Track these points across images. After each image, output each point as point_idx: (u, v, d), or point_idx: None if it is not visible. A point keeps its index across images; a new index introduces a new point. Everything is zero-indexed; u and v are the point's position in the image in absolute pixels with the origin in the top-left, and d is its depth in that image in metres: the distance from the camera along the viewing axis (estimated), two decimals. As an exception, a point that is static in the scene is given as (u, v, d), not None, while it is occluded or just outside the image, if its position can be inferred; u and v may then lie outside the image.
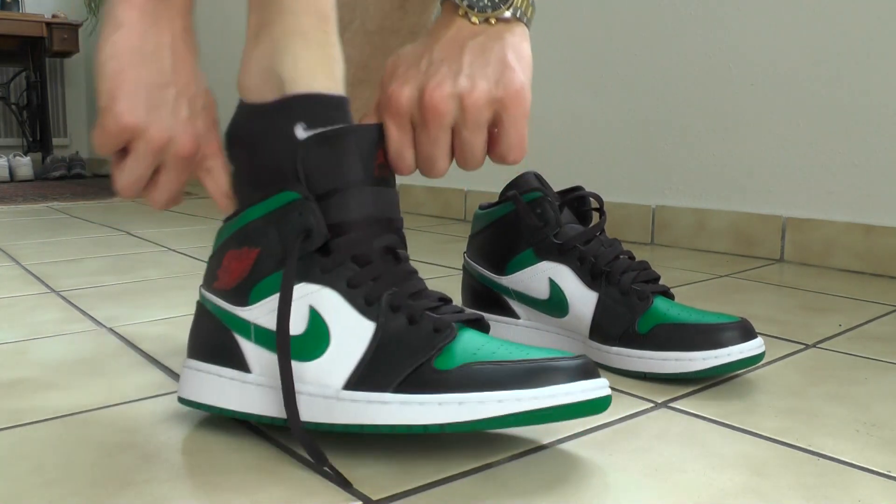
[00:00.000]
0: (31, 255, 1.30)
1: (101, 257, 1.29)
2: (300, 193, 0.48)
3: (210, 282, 0.53)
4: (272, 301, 0.49)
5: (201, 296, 0.54)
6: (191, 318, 0.85)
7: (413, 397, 0.46)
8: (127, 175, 0.49)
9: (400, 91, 0.50)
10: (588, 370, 0.46)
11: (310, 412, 0.48)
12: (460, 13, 0.53)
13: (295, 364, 0.48)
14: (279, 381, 0.49)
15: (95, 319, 0.86)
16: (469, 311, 0.51)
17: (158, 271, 1.15)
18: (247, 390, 0.51)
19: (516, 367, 0.45)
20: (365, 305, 0.48)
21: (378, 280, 0.49)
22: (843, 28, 1.16)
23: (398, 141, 0.51)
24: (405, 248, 0.52)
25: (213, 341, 0.52)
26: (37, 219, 1.86)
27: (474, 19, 0.53)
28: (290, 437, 0.52)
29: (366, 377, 0.47)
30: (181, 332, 0.80)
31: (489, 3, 0.53)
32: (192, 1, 0.50)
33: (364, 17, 0.66)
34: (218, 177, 0.52)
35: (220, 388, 0.51)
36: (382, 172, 0.50)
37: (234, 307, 0.51)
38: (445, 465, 0.47)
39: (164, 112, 0.48)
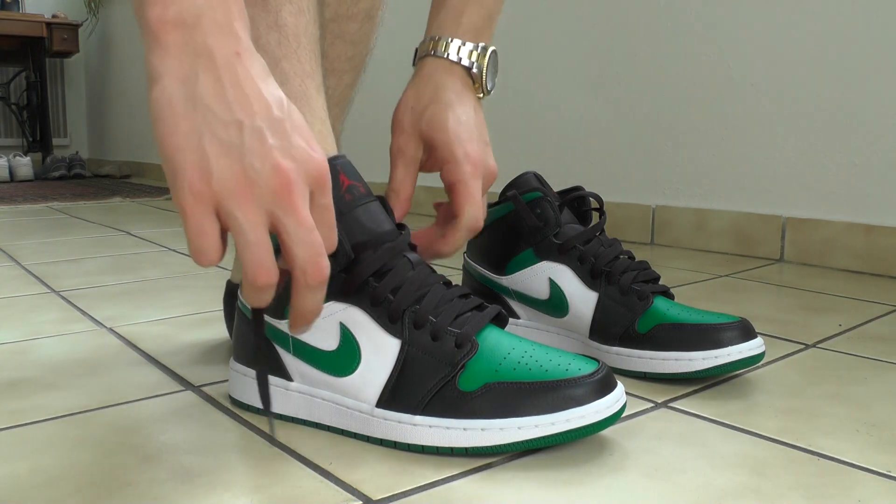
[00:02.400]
0: (31, 255, 1.30)
1: (101, 257, 1.29)
2: None
3: None
4: None
5: (241, 303, 0.56)
6: (191, 318, 0.86)
7: (440, 421, 0.48)
8: (249, 250, 0.39)
9: (480, 156, 0.61)
10: (605, 385, 0.48)
11: (349, 424, 0.52)
12: (476, 86, 0.64)
13: (332, 378, 0.52)
14: (318, 390, 0.53)
15: (95, 319, 0.86)
16: (490, 308, 0.53)
17: (158, 271, 1.15)
18: (290, 397, 0.54)
19: (535, 389, 0.48)
20: (389, 323, 0.50)
21: (398, 292, 0.50)
22: (843, 28, 1.16)
23: (478, 201, 0.61)
24: (412, 250, 0.54)
25: (258, 349, 0.55)
26: (37, 219, 1.86)
27: (480, 95, 0.65)
28: (292, 437, 0.52)
29: (395, 396, 0.50)
30: (181, 331, 0.80)
31: (492, 86, 0.65)
32: (243, 18, 0.41)
33: (321, 6, 0.66)
34: (326, 217, 0.42)
35: (271, 392, 0.55)
36: (352, 194, 0.52)
37: (272, 319, 0.53)
38: (445, 465, 0.47)
39: (240, 153, 0.38)
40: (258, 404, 0.55)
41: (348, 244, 0.50)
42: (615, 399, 0.48)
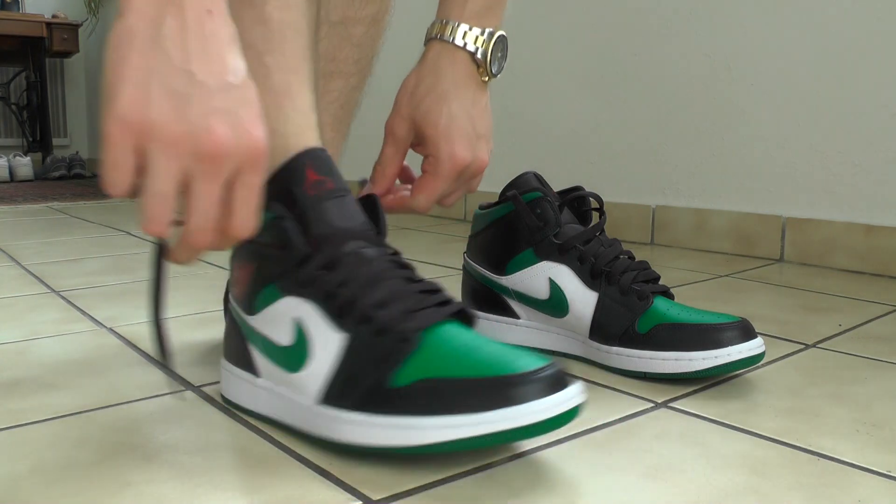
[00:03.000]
0: (31, 255, 1.30)
1: (101, 257, 1.29)
2: (276, 212, 0.50)
3: (231, 288, 0.56)
4: (268, 312, 0.52)
5: (232, 305, 0.57)
6: (191, 318, 0.86)
7: (372, 418, 0.46)
8: (150, 199, 0.40)
9: (465, 156, 0.62)
10: (553, 382, 0.44)
11: (298, 421, 0.51)
12: (480, 70, 0.63)
13: (286, 374, 0.51)
14: (277, 385, 0.52)
15: (95, 319, 0.86)
16: (453, 304, 0.51)
17: (158, 271, 1.15)
18: (258, 393, 0.54)
19: (469, 386, 0.44)
20: (338, 317, 0.49)
21: (345, 286, 0.49)
22: (843, 28, 1.16)
23: (446, 192, 0.63)
24: (377, 246, 0.52)
25: (236, 345, 0.56)
26: (37, 219, 1.86)
27: (485, 79, 0.64)
28: (290, 437, 0.52)
29: (336, 392, 0.48)
30: (181, 332, 0.80)
31: (498, 69, 0.64)
32: None
33: (327, 9, 0.67)
34: (247, 197, 0.43)
35: (244, 389, 0.55)
36: (317, 189, 0.50)
37: (246, 315, 0.54)
38: (445, 465, 0.47)
39: (182, 102, 0.39)
40: (249, 406, 0.55)
41: (301, 238, 0.49)
42: (562, 399, 0.44)
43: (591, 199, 0.71)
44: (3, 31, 3.41)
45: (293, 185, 0.50)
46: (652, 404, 0.58)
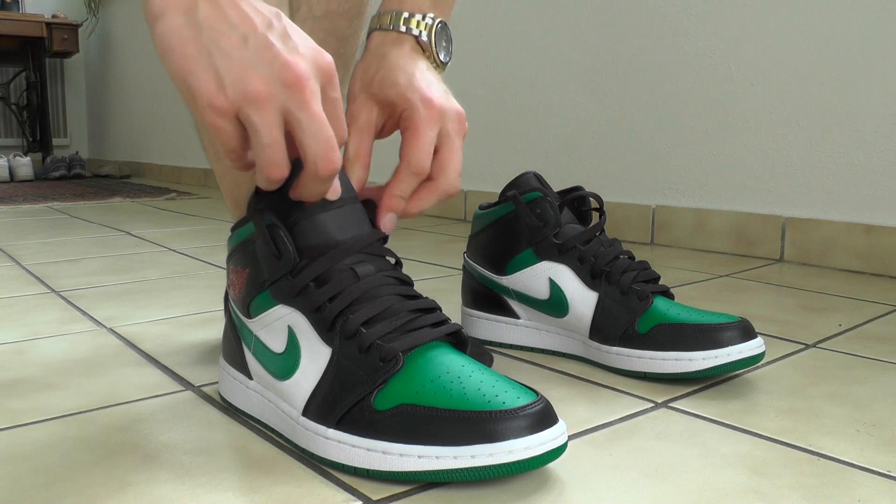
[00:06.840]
0: (31, 255, 1.30)
1: (101, 257, 1.29)
2: (269, 220, 0.50)
3: (229, 289, 0.56)
4: (264, 317, 0.52)
5: (231, 307, 0.57)
6: (191, 318, 0.86)
7: (348, 438, 0.46)
8: (264, 151, 0.43)
9: (439, 98, 0.55)
10: (535, 422, 0.43)
11: (284, 429, 0.51)
12: (426, 55, 0.60)
13: (275, 381, 0.51)
14: (266, 391, 0.53)
15: (95, 319, 0.86)
16: (447, 325, 0.50)
17: (158, 271, 1.15)
18: (250, 395, 0.54)
19: (447, 417, 0.44)
20: (325, 331, 0.49)
21: (335, 300, 0.49)
22: (843, 28, 1.16)
23: (426, 147, 0.56)
24: (375, 263, 0.51)
25: (231, 346, 0.56)
26: (37, 219, 1.86)
27: (435, 67, 0.60)
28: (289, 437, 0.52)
29: (317, 407, 0.48)
30: (181, 331, 0.80)
31: (446, 56, 0.62)
32: None
33: (311, 3, 0.67)
34: (336, 110, 0.46)
35: (239, 389, 0.56)
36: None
37: (244, 317, 0.54)
38: (445, 465, 0.47)
39: (248, 61, 0.42)
40: (243, 407, 0.55)
41: (293, 249, 0.49)
42: (544, 439, 0.43)
43: (591, 199, 0.71)
44: (3, 31, 3.41)
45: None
46: (652, 404, 0.58)
